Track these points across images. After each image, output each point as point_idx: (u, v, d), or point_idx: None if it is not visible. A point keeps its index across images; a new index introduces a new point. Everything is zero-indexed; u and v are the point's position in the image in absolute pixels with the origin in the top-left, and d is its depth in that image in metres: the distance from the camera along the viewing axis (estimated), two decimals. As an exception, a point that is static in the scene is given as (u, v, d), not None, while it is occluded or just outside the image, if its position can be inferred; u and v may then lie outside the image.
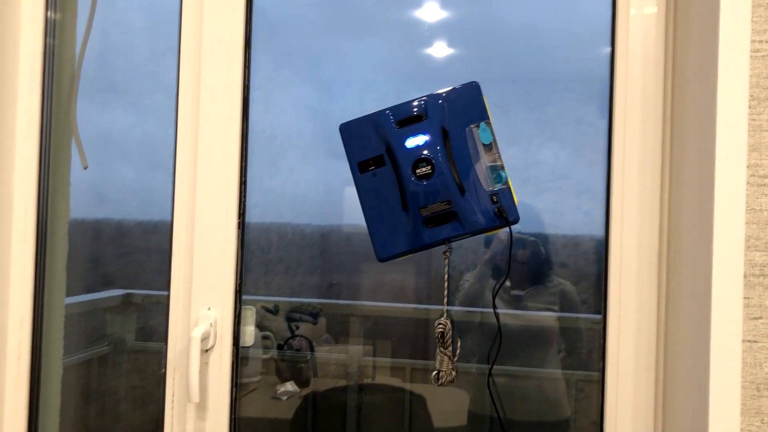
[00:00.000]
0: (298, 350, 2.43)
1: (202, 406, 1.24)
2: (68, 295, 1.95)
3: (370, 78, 2.35)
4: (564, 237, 2.02)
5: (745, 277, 1.01)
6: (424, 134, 1.16)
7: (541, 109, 2.18)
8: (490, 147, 1.16)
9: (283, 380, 2.38)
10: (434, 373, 1.21)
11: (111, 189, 2.08)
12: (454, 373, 1.22)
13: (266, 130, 1.83)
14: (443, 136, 1.16)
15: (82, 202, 1.98)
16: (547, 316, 1.90)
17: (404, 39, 2.29)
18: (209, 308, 1.24)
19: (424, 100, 1.17)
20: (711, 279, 1.01)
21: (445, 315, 1.22)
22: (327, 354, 2.43)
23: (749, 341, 1.01)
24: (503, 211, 1.15)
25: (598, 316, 1.76)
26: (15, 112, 1.29)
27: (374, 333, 2.42)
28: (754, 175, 1.01)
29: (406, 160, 1.16)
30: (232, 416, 1.26)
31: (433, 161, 1.15)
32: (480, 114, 1.16)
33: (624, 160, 1.20)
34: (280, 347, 2.45)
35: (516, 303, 1.99)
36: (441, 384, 1.20)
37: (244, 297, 2.46)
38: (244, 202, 1.27)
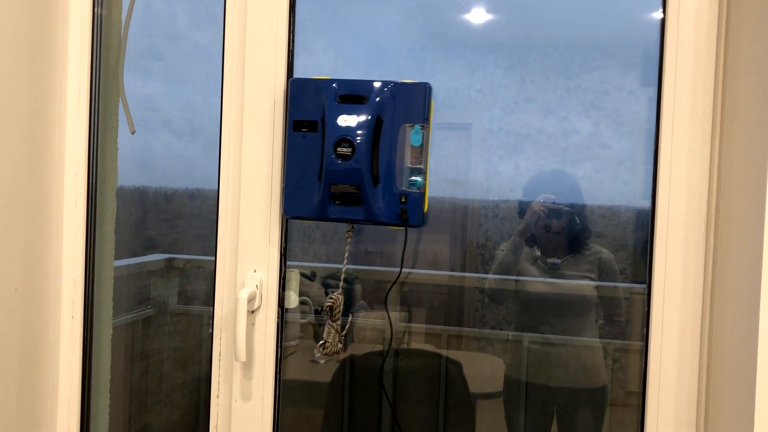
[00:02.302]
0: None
1: (248, 366, 1.28)
2: (115, 258, 2.00)
3: (406, 45, 2.34)
4: (601, 207, 2.01)
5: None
6: (358, 116, 1.17)
7: (582, 77, 2.16)
8: (418, 150, 1.18)
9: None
10: (320, 342, 1.28)
11: (154, 156, 2.11)
12: (340, 345, 1.29)
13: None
14: (375, 124, 1.17)
15: (127, 169, 2.02)
16: (585, 285, 1.90)
17: (441, 4, 2.27)
18: (255, 270, 1.27)
19: (371, 84, 1.18)
20: (762, 249, 1.00)
21: (339, 291, 1.29)
22: (363, 320, 2.45)
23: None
24: (405, 213, 1.18)
25: (637, 286, 1.76)
26: (65, 79, 1.31)
27: (410, 300, 2.44)
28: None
29: (332, 135, 1.18)
30: (277, 376, 1.29)
31: (355, 144, 1.16)
32: (419, 116, 1.18)
33: (673, 126, 1.18)
34: (317, 312, 2.48)
35: (553, 271, 1.99)
36: (326, 353, 1.26)
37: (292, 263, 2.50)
38: (288, 166, 1.28)
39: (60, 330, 1.33)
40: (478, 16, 2.38)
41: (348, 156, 1.16)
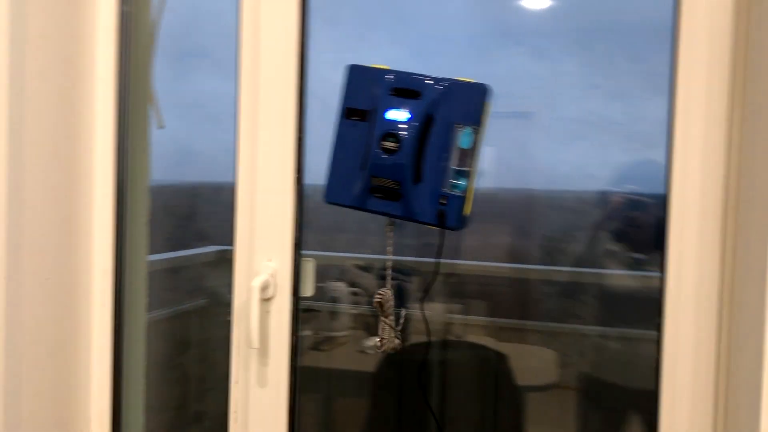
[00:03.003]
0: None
1: (263, 353, 1.31)
2: (167, 250, 2.08)
3: (467, 33, 2.32)
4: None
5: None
6: (408, 111, 1.14)
7: (647, 61, 2.08)
8: (465, 152, 1.13)
9: (371, 335, 2.44)
10: (377, 340, 1.26)
11: (204, 151, 2.18)
12: (397, 340, 1.26)
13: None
14: (425, 121, 1.14)
15: (176, 165, 2.10)
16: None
17: None
18: (270, 260, 1.30)
19: (426, 80, 1.15)
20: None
21: (388, 286, 1.26)
22: (416, 311, 2.46)
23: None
24: (443, 215, 1.14)
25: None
26: (93, 76, 1.38)
27: (469, 292, 2.43)
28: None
29: (380, 128, 1.15)
30: (292, 363, 1.31)
31: (402, 140, 1.13)
32: (471, 117, 1.13)
33: (688, 109, 1.14)
34: (369, 303, 2.50)
35: (637, 266, 1.93)
36: (383, 351, 1.24)
37: (342, 254, 2.52)
38: (301, 159, 1.31)
39: (92, 317, 1.40)
40: (539, 2, 2.34)
41: (393, 151, 1.14)
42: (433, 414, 1.85)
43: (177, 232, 2.27)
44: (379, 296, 1.25)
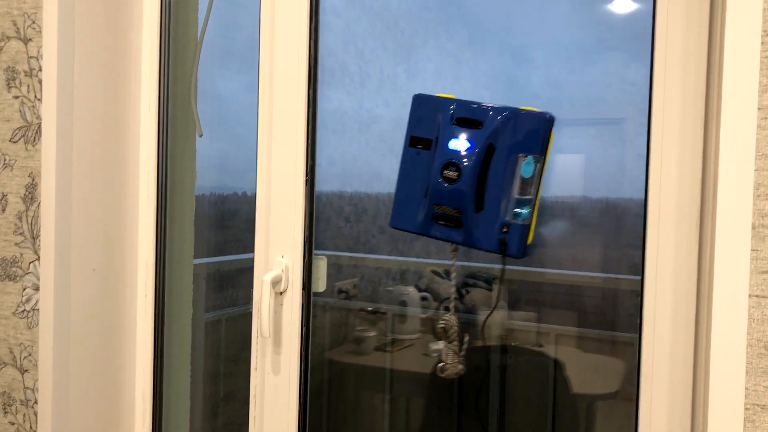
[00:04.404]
0: (458, 311, 2.52)
1: (277, 342, 1.42)
2: (227, 254, 2.23)
3: (553, 40, 2.34)
4: None
5: (753, 228, 0.93)
6: (469, 141, 1.16)
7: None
8: (527, 181, 1.14)
9: (438, 339, 2.50)
10: (440, 364, 1.28)
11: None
12: (460, 366, 1.27)
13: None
14: (487, 150, 1.15)
15: (238, 176, 2.25)
16: None
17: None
18: (282, 256, 1.41)
19: (489, 109, 1.16)
20: (715, 229, 0.95)
21: (451, 311, 1.29)
22: (485, 317, 2.49)
23: (757, 296, 0.93)
24: (504, 243, 1.15)
25: None
26: (140, 86, 1.54)
27: (543, 300, 2.42)
28: (765, 118, 0.93)
29: (441, 157, 1.17)
30: (303, 353, 1.41)
31: (462, 169, 1.15)
32: (534, 146, 1.13)
33: (663, 119, 1.14)
34: (439, 309, 2.56)
35: None
36: (446, 376, 1.25)
37: (436, 261, 2.59)
38: (312, 163, 1.41)
39: (137, 305, 1.56)
40: (622, 6, 2.33)
41: (453, 180, 1.16)
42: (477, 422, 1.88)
43: (239, 237, 2.43)
44: (443, 321, 1.28)
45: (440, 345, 2.65)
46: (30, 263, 1.43)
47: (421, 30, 2.46)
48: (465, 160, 1.15)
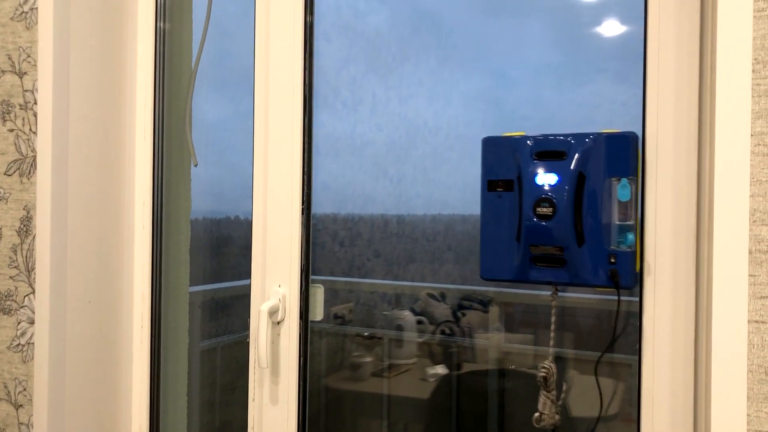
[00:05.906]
0: (454, 335, 2.51)
1: (275, 372, 1.41)
2: (224, 281, 2.22)
3: (542, 62, 2.36)
4: None
5: (750, 253, 0.94)
6: (557, 174, 1.12)
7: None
8: (626, 205, 1.10)
9: (435, 363, 2.48)
10: (536, 414, 1.21)
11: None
12: (557, 416, 1.21)
13: (428, 122, 1.95)
14: (578, 180, 1.11)
15: (232, 202, 2.24)
16: None
17: (568, 19, 2.26)
18: (279, 285, 1.41)
19: (570, 138, 1.12)
20: (713, 256, 0.95)
21: (550, 358, 1.21)
22: (484, 341, 2.48)
23: (756, 321, 0.94)
24: (616, 275, 1.09)
25: None
26: (134, 117, 1.55)
27: (537, 322, 2.42)
28: (759, 144, 0.94)
29: (530, 195, 1.13)
30: (301, 382, 1.40)
31: (557, 204, 1.11)
32: (625, 168, 1.10)
33: (657, 144, 1.15)
34: (435, 332, 2.55)
35: None
36: (543, 427, 1.19)
37: (430, 285, 2.58)
38: (308, 192, 1.41)
39: (132, 336, 1.55)
40: (611, 28, 2.35)
41: (549, 216, 1.12)
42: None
43: (231, 264, 2.42)
44: (544, 369, 1.21)
45: (438, 369, 2.64)
46: (25, 296, 1.42)
47: (412, 54, 2.47)
48: (557, 193, 1.12)
